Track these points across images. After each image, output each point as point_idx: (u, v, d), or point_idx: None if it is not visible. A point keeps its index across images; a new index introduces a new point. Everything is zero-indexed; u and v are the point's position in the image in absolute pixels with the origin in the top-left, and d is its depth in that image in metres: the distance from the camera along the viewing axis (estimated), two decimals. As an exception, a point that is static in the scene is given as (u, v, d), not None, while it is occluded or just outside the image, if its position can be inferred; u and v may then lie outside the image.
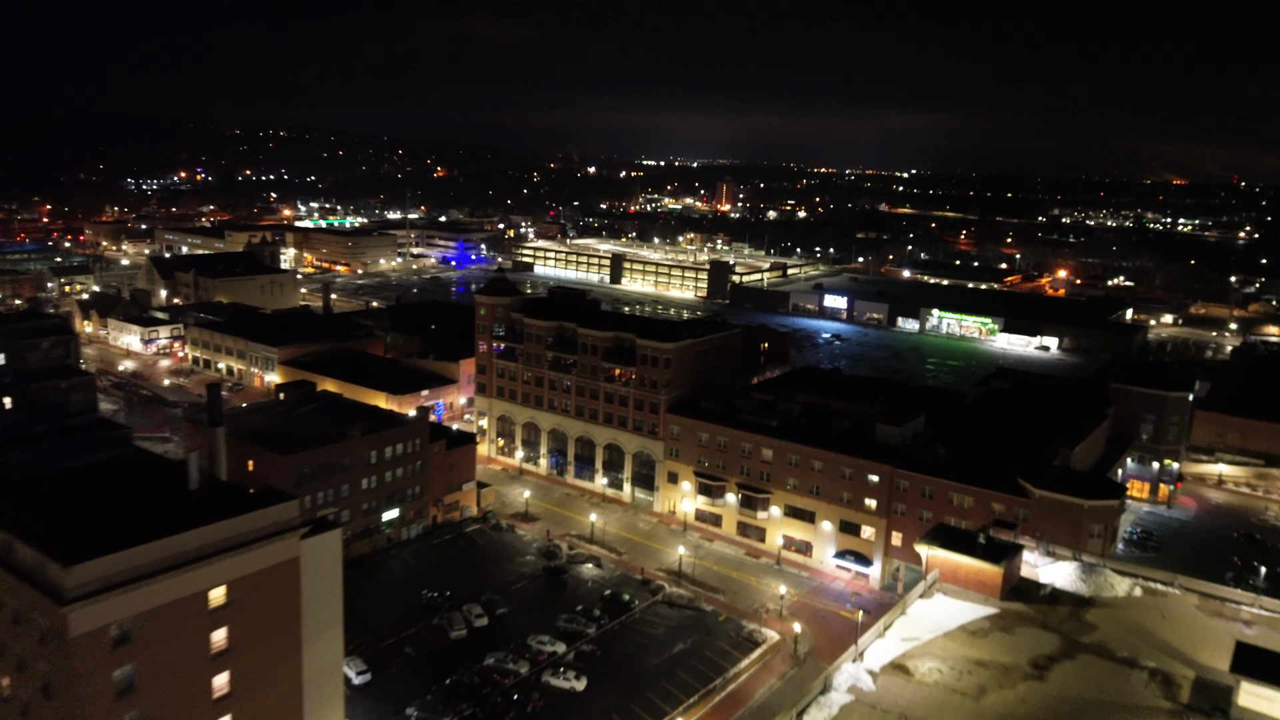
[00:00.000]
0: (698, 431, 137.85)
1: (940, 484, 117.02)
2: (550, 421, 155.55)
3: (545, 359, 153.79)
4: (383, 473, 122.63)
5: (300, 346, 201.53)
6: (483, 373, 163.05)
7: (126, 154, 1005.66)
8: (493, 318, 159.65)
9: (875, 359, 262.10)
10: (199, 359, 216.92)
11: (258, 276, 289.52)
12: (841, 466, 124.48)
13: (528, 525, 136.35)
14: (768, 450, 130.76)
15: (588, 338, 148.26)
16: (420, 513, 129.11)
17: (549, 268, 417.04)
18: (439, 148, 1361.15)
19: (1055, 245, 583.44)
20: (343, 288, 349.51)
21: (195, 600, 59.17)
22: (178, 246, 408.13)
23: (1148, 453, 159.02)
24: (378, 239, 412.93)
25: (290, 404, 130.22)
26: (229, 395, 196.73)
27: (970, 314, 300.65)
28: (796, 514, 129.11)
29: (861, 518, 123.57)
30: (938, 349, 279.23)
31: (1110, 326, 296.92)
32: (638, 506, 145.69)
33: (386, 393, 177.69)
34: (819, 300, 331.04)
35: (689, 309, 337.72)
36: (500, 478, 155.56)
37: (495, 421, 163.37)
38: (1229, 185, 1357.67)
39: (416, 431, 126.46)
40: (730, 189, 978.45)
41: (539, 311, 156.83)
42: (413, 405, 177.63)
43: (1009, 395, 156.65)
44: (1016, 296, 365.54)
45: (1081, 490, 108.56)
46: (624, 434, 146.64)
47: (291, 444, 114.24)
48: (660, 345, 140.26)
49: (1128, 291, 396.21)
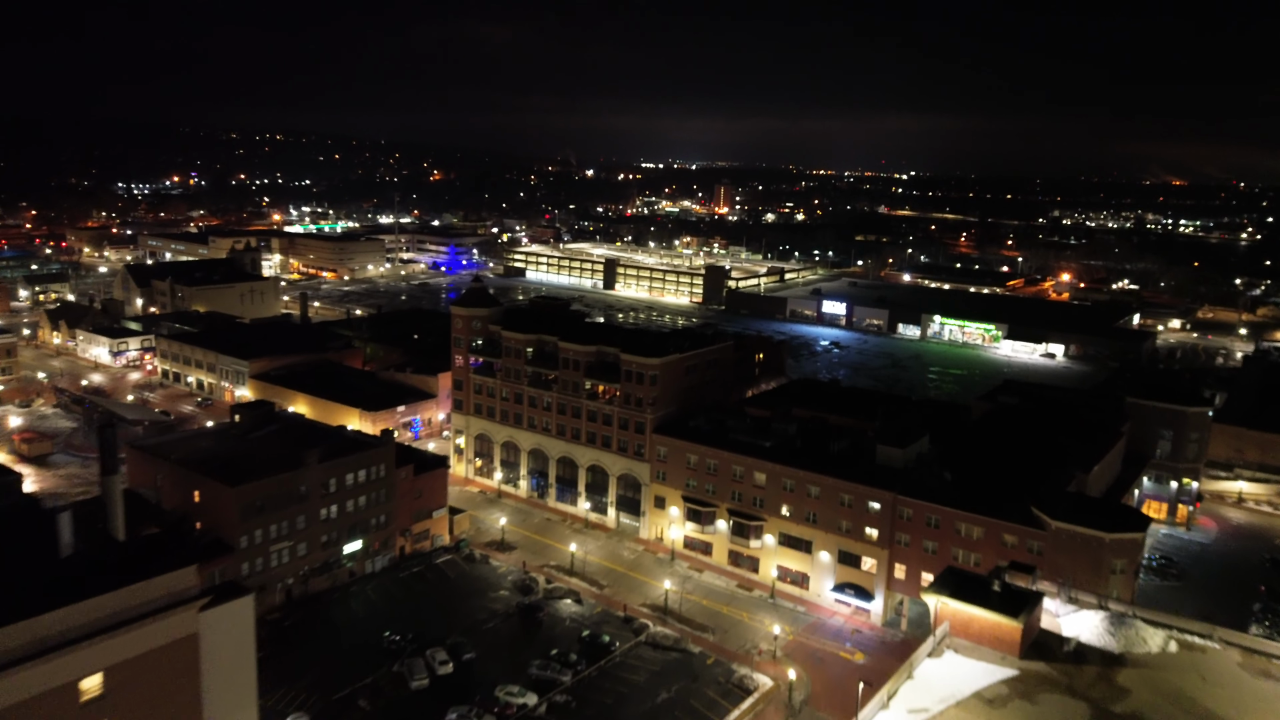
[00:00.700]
0: (686, 453, 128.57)
1: (947, 513, 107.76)
2: (530, 441, 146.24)
3: (524, 374, 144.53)
4: (343, 502, 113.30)
5: (273, 359, 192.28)
6: (459, 388, 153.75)
7: (121, 158, 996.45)
8: (469, 330, 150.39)
9: (875, 368, 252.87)
10: (168, 372, 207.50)
11: (237, 284, 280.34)
12: (840, 493, 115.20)
13: (503, 555, 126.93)
14: (760, 474, 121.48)
15: (569, 352, 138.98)
16: (386, 544, 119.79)
17: (541, 273, 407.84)
18: (436, 151, 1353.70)
19: (1056, 248, 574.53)
20: (328, 295, 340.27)
21: (62, 693, 49.51)
22: (161, 253, 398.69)
23: (1165, 471, 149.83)
24: (365, 244, 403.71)
25: (246, 427, 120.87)
26: (197, 411, 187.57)
27: (973, 320, 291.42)
28: (792, 543, 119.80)
29: (862, 548, 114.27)
30: (940, 357, 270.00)
31: (1117, 333, 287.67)
32: (623, 532, 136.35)
33: (360, 409, 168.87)
34: (817, 306, 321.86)
35: (684, 315, 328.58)
36: (477, 501, 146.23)
37: (472, 440, 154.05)
38: (1229, 187, 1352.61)
39: (381, 456, 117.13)
40: (728, 191, 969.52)
41: (518, 324, 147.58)
42: (388, 422, 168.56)
43: (1017, 411, 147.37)
44: (1019, 301, 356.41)
45: (1102, 521, 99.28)
46: (608, 455, 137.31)
47: (240, 473, 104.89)
48: (645, 361, 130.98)
49: (1133, 296, 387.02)
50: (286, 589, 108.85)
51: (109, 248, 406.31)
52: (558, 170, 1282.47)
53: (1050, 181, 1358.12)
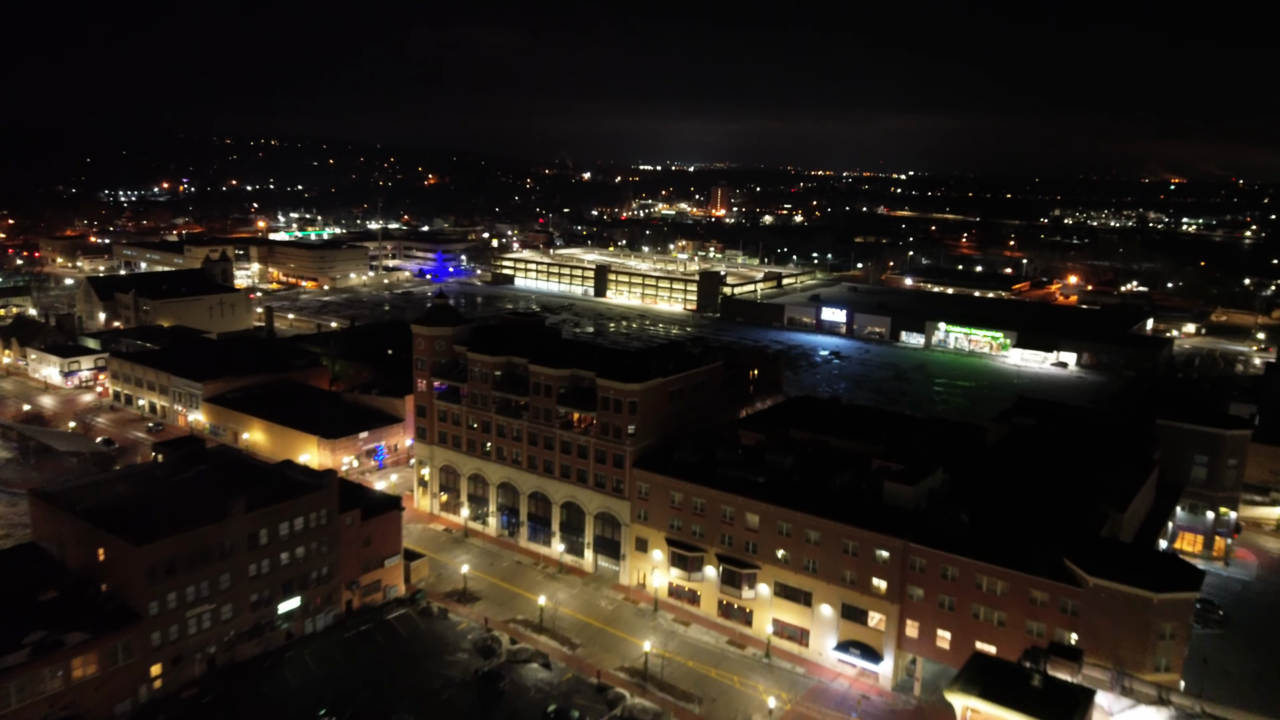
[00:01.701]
0: (670, 490, 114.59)
1: (966, 564, 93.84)
2: (499, 474, 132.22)
3: (492, 401, 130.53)
4: (276, 555, 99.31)
5: (230, 380, 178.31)
6: (422, 415, 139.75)
7: (113, 165, 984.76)
8: (432, 351, 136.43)
9: (878, 380, 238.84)
10: (120, 394, 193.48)
11: (205, 297, 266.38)
12: (843, 538, 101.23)
13: (465, 608, 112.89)
14: (753, 515, 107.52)
15: (540, 376, 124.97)
16: (330, 598, 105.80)
17: (531, 280, 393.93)
18: (431, 155, 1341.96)
19: (1060, 248, 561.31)
20: (305, 305, 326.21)
21: None
22: (136, 262, 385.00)
23: (1200, 500, 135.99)
24: (347, 252, 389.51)
25: (170, 468, 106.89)
26: (147, 439, 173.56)
27: (980, 327, 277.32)
28: (789, 594, 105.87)
29: (869, 602, 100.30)
30: (946, 367, 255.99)
31: (1132, 340, 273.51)
32: (601, 578, 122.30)
33: (318, 436, 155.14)
34: (816, 313, 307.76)
35: (677, 324, 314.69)
36: (441, 540, 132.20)
37: (437, 472, 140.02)
38: (1228, 184, 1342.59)
39: (322, 501, 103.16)
40: (725, 193, 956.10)
41: (486, 344, 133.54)
42: (349, 450, 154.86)
43: (1036, 435, 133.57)
44: (1027, 306, 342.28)
45: (1149, 577, 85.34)
46: (584, 491, 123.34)
47: (150, 527, 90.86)
48: (623, 386, 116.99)
49: (1144, 299, 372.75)
50: (209, 658, 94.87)
51: (82, 257, 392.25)
52: (554, 173, 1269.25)
53: (1049, 180, 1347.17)
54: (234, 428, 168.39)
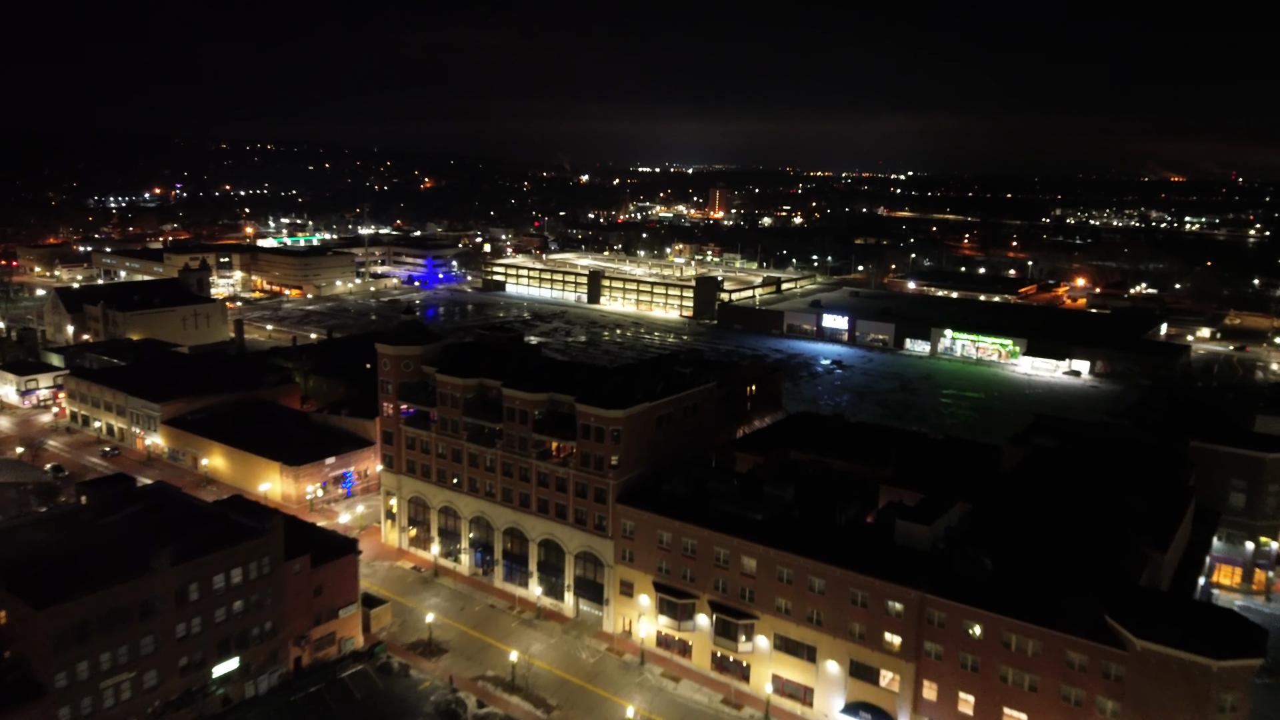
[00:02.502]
0: (657, 529, 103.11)
1: (992, 620, 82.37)
2: (472, 507, 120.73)
3: (463, 427, 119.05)
4: (210, 611, 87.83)
5: (191, 400, 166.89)
6: (389, 442, 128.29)
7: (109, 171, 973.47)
8: (399, 372, 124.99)
9: (882, 392, 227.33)
10: (77, 415, 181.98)
11: (179, 308, 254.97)
12: (850, 587, 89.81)
13: (430, 663, 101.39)
14: (750, 559, 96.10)
15: (514, 401, 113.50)
16: (275, 657, 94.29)
17: (523, 286, 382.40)
18: (429, 158, 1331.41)
19: (1064, 249, 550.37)
20: (286, 315, 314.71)
21: None
22: (116, 271, 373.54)
23: (1238, 529, 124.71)
24: (333, 259, 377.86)
25: (96, 510, 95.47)
26: (102, 465, 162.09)
27: (987, 334, 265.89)
28: (791, 648, 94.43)
29: (880, 659, 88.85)
30: (953, 377, 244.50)
31: (1147, 347, 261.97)
32: (582, 624, 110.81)
33: (281, 463, 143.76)
34: (817, 320, 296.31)
35: (673, 332, 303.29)
36: (409, 581, 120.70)
37: (405, 504, 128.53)
38: (1228, 182, 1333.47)
39: (264, 548, 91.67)
40: (724, 195, 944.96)
41: (457, 365, 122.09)
42: (314, 478, 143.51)
43: (1058, 458, 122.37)
44: (1035, 311, 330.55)
45: (1206, 641, 73.91)
46: (563, 528, 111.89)
47: (59, 586, 79.42)
48: (605, 413, 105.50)
49: (1156, 302, 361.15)
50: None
51: (60, 266, 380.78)
52: (552, 176, 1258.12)
53: (1049, 180, 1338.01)
54: (193, 452, 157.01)
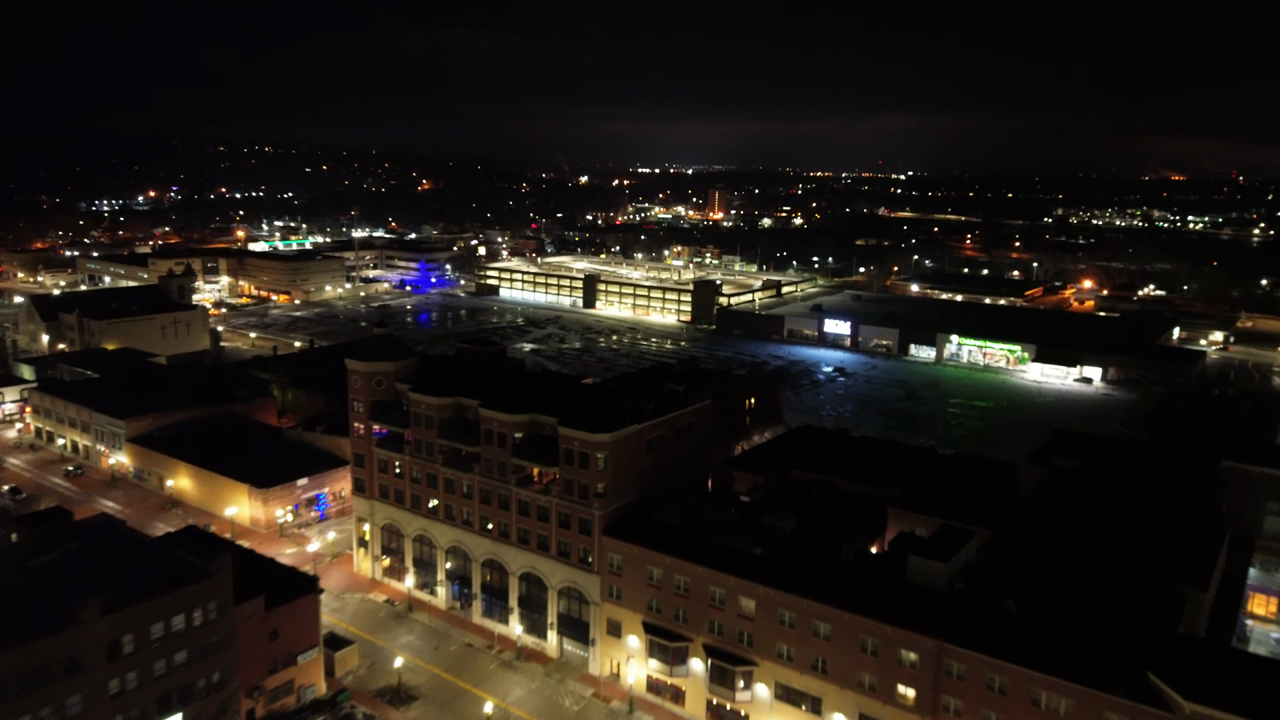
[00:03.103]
0: (647, 564, 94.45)
1: (1018, 674, 73.67)
2: (448, 536, 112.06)
3: (438, 450, 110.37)
4: (149, 664, 79.09)
5: (160, 416, 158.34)
6: (360, 464, 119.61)
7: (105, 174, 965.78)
8: (370, 390, 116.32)
9: (887, 401, 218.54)
10: (42, 431, 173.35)
11: (158, 316, 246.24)
12: (860, 633, 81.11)
13: (399, 713, 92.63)
14: (748, 600, 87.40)
15: (493, 423, 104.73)
16: (225, 709, 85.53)
17: (516, 291, 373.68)
18: (427, 160, 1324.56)
19: (1068, 249, 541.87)
20: (273, 322, 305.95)
21: None
22: (101, 276, 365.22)
23: (1273, 556, 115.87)
24: (322, 263, 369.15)
25: (27, 549, 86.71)
26: (65, 486, 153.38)
27: (994, 339, 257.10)
28: (794, 698, 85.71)
29: (894, 714, 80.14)
30: (960, 385, 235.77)
31: (1161, 353, 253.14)
32: (566, 666, 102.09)
33: (250, 484, 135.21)
34: (818, 325, 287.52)
35: (670, 338, 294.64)
36: (381, 615, 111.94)
37: (379, 531, 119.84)
38: (1229, 181, 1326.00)
39: (210, 591, 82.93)
40: (723, 196, 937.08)
41: (433, 382, 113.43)
42: (284, 500, 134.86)
43: (1080, 479, 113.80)
44: (1042, 314, 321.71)
45: (1260, 703, 65.28)
46: (545, 560, 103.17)
47: (-30, 643, 70.69)
48: (590, 437, 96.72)
49: (1166, 304, 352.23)
50: (56, 803, 74.69)
51: (44, 272, 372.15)
52: (551, 178, 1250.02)
53: (1049, 179, 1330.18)
54: (160, 472, 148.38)
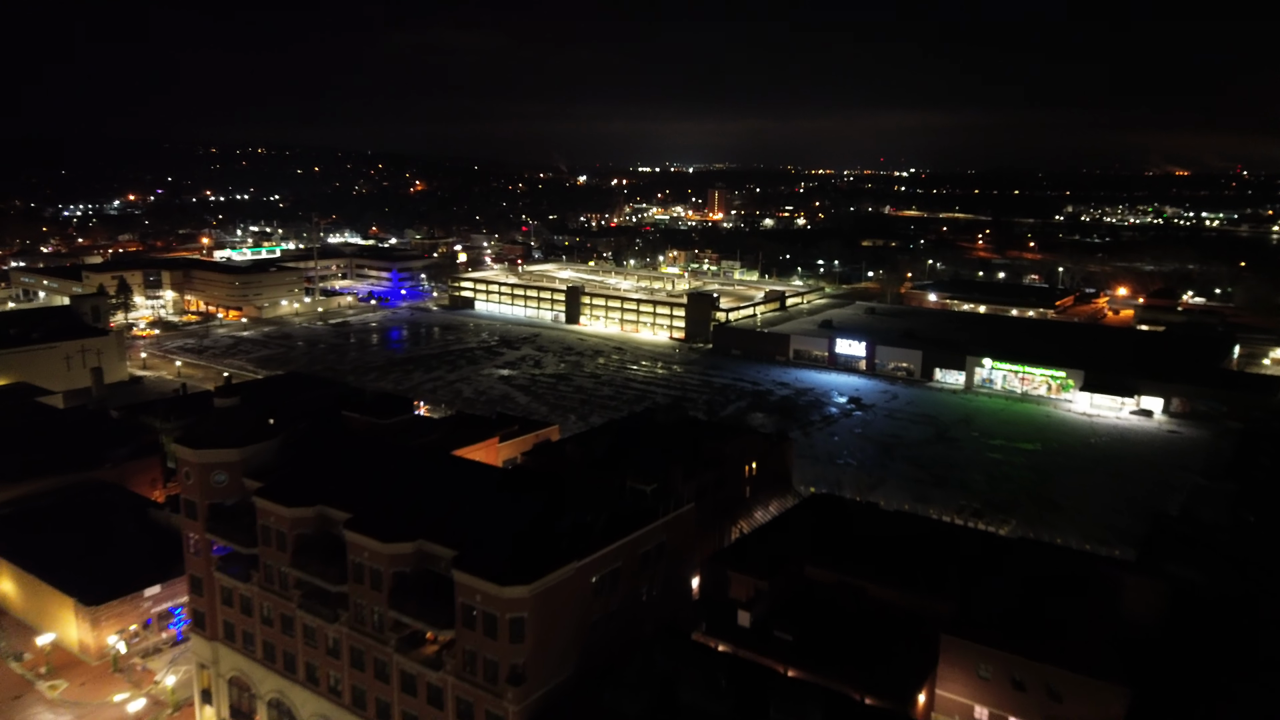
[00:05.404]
0: (586, 795, 59.84)
1: None
2: (312, 706, 77.38)
3: (292, 583, 75.78)
4: None
5: None
6: (198, 591, 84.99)
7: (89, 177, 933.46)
8: (206, 490, 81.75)
9: (914, 444, 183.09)
10: None
11: (63, 343, 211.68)
12: None
13: None
14: None
15: (363, 552, 70.09)
16: None
17: (493, 304, 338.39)
18: (422, 161, 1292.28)
19: (1085, 249, 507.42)
20: (214, 344, 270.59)
21: None
22: (35, 291, 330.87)
23: None
24: (278, 274, 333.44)
25: None
26: None
27: (1033, 363, 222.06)
28: None
29: None
30: (998, 421, 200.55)
31: (1231, 379, 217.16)
32: None
33: (75, 598, 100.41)
34: (829, 345, 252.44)
35: (661, 359, 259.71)
36: (216, 821, 77.44)
37: (224, 686, 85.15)
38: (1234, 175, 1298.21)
39: None
40: (723, 195, 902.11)
41: (292, 482, 78.74)
42: (123, 620, 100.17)
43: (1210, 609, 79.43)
44: (1082, 331, 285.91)
45: None
46: (441, 764, 68.52)
47: None
48: (499, 593, 61.92)
49: (1216, 316, 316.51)
50: None
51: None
52: (549, 178, 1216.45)
53: (1054, 175, 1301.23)
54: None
